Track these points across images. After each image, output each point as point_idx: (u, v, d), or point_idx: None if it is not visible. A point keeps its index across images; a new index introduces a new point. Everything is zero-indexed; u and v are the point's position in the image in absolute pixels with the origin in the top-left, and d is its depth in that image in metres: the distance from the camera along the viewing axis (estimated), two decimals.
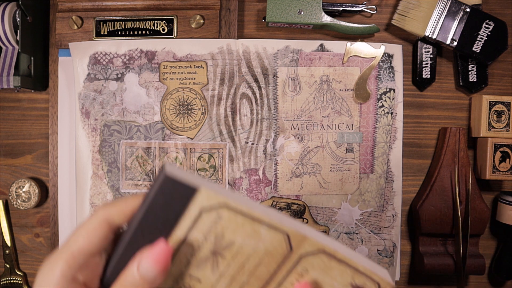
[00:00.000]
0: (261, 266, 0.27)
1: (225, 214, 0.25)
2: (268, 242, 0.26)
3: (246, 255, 0.26)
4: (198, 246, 0.26)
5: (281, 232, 0.26)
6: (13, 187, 0.51)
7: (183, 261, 0.26)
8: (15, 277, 0.52)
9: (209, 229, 0.26)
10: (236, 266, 0.27)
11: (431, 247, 0.49)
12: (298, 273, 0.27)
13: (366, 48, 0.48)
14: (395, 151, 0.49)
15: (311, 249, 0.27)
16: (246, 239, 0.26)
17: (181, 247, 0.26)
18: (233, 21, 0.50)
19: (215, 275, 0.27)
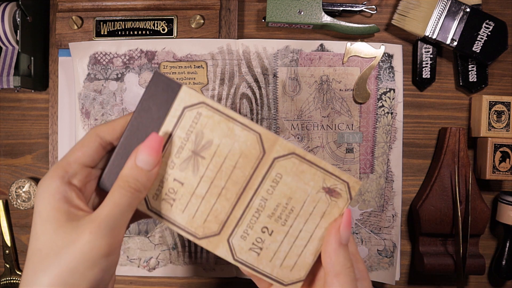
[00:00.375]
0: (237, 169, 0.29)
1: (204, 111, 0.28)
2: (242, 142, 0.28)
3: (223, 155, 0.29)
4: (181, 145, 0.29)
5: (254, 133, 0.28)
6: (13, 187, 0.51)
7: (168, 162, 0.29)
8: (15, 277, 0.52)
9: (191, 127, 0.28)
10: (214, 168, 0.29)
11: (431, 247, 0.49)
12: (273, 179, 0.29)
13: (366, 48, 0.48)
14: (395, 151, 0.49)
15: (282, 151, 0.28)
16: (223, 138, 0.29)
17: (167, 146, 0.29)
18: (233, 21, 0.50)
19: (196, 178, 0.29)
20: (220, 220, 0.29)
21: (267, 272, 0.29)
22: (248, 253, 0.29)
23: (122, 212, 0.26)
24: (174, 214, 0.29)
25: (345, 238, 0.28)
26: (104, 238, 0.25)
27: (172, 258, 0.50)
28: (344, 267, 0.27)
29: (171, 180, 0.29)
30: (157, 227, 0.49)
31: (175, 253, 0.50)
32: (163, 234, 0.49)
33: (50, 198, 0.26)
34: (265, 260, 0.29)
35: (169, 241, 0.49)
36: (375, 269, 0.49)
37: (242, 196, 0.29)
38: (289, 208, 0.29)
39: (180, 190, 0.29)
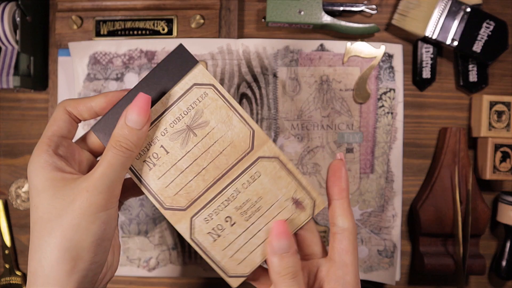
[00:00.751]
0: (223, 155, 0.30)
1: (210, 93, 0.30)
2: (236, 133, 0.30)
3: (215, 139, 0.30)
4: (178, 117, 0.30)
5: (249, 128, 0.30)
6: (12, 187, 0.51)
7: (161, 128, 0.30)
8: (14, 277, 0.52)
9: (194, 103, 0.30)
10: (202, 148, 0.30)
11: (431, 247, 0.49)
12: (251, 175, 0.30)
13: (366, 48, 0.48)
14: (395, 151, 0.49)
15: (268, 153, 0.30)
16: (219, 123, 0.30)
17: (166, 113, 0.30)
18: (233, 21, 0.50)
19: (182, 152, 0.30)
20: (190, 198, 0.30)
21: (216, 259, 0.31)
22: (205, 236, 0.30)
23: (116, 171, 0.27)
24: (150, 178, 0.30)
25: (278, 249, 0.29)
26: (100, 194, 0.27)
27: (172, 258, 0.50)
28: (279, 276, 0.28)
29: (158, 145, 0.30)
30: (157, 227, 0.49)
31: (175, 253, 0.49)
32: (163, 234, 0.49)
33: (42, 170, 0.27)
34: (218, 247, 0.30)
35: (169, 241, 0.49)
36: (375, 269, 0.49)
37: (218, 182, 0.30)
38: (257, 206, 0.30)
39: (163, 157, 0.30)
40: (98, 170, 0.27)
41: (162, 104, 0.30)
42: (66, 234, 0.26)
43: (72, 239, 0.26)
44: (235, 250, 0.31)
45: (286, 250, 0.29)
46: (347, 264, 0.29)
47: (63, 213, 0.26)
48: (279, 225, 0.30)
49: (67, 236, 0.26)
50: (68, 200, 0.26)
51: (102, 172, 0.27)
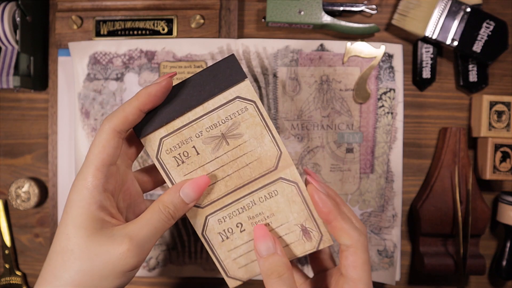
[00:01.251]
0: (248, 167, 0.32)
1: (251, 109, 0.31)
2: (264, 150, 0.31)
3: (244, 151, 0.31)
4: (216, 123, 0.31)
5: (277, 149, 0.31)
6: (12, 187, 0.51)
7: (197, 130, 0.31)
8: (14, 277, 0.52)
9: (233, 114, 0.31)
10: (231, 156, 0.31)
11: (432, 247, 0.49)
12: (269, 192, 0.32)
13: (366, 48, 0.48)
14: (395, 151, 0.49)
15: (289, 177, 0.32)
16: (252, 138, 0.31)
17: (204, 117, 0.31)
18: (233, 21, 0.50)
19: (212, 156, 0.32)
20: (210, 198, 0.32)
21: (221, 258, 0.33)
22: (215, 235, 0.32)
23: (156, 234, 0.29)
24: (176, 173, 0.32)
25: (261, 250, 0.30)
26: (136, 257, 0.28)
27: (172, 258, 0.49)
28: (266, 277, 0.29)
29: (190, 145, 0.31)
30: None
31: (175, 253, 0.49)
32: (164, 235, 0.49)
33: (86, 207, 0.28)
34: (225, 248, 0.32)
35: (169, 241, 0.49)
36: (376, 269, 0.49)
37: (238, 190, 0.32)
38: (268, 221, 0.32)
39: (193, 157, 0.31)
40: (142, 231, 0.28)
41: (203, 108, 0.31)
42: (92, 279, 0.27)
43: (96, 286, 0.27)
44: (239, 255, 0.32)
45: (270, 250, 0.30)
46: (355, 279, 0.29)
47: (96, 260, 0.27)
48: (259, 228, 0.31)
49: (92, 281, 0.27)
50: (104, 248, 0.27)
51: (144, 234, 0.28)
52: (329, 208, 0.30)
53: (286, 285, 0.29)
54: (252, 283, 0.51)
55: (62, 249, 0.27)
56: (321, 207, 0.30)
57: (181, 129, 0.31)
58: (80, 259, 0.27)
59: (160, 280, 0.51)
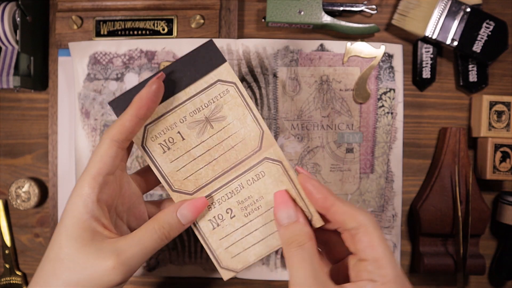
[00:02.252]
0: (234, 150, 0.32)
1: (232, 91, 0.31)
2: (248, 131, 0.32)
3: (229, 133, 0.32)
4: (199, 108, 0.31)
5: (259, 128, 0.32)
6: (12, 187, 0.51)
7: (181, 115, 0.31)
8: (14, 277, 0.52)
9: (215, 97, 0.32)
10: (217, 140, 0.32)
11: (431, 247, 0.49)
12: (256, 174, 0.32)
13: (366, 48, 0.48)
14: (395, 151, 0.49)
15: (274, 156, 0.31)
16: (235, 120, 0.32)
17: (187, 102, 0.31)
18: (233, 21, 0.50)
19: (197, 140, 0.32)
20: (198, 184, 0.32)
21: (213, 247, 0.32)
22: (206, 222, 0.32)
23: (146, 253, 0.29)
24: (163, 160, 0.32)
25: (282, 218, 0.29)
26: (122, 274, 0.28)
27: (172, 258, 0.50)
28: (286, 246, 0.28)
29: (175, 131, 0.32)
30: None
31: (175, 253, 0.49)
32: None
33: (78, 216, 0.28)
34: (216, 236, 0.32)
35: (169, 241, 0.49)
36: None
37: (226, 174, 0.32)
38: (257, 205, 0.32)
39: (178, 143, 0.32)
40: (131, 250, 0.28)
41: (185, 93, 0.31)
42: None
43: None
44: (231, 243, 0.32)
45: (292, 219, 0.29)
46: (377, 259, 0.26)
47: (83, 273, 0.27)
48: (281, 195, 0.30)
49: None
50: (92, 262, 0.27)
51: (133, 254, 0.28)
52: (325, 194, 0.29)
53: (307, 255, 0.27)
54: (252, 283, 0.51)
55: (54, 257, 0.28)
56: (315, 194, 0.29)
57: (165, 115, 0.32)
58: (69, 270, 0.27)
59: (160, 280, 0.51)
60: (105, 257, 0.27)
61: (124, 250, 0.28)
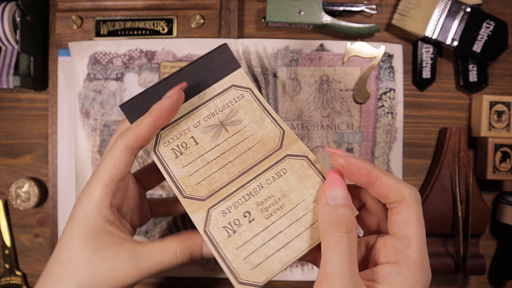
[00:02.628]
0: (251, 151, 0.30)
1: (247, 96, 0.31)
2: (266, 132, 0.31)
3: (245, 136, 0.30)
4: (213, 112, 0.31)
5: (279, 128, 0.31)
6: (12, 187, 0.51)
7: (194, 120, 0.31)
8: (14, 277, 0.52)
9: (230, 102, 0.31)
10: (232, 143, 0.30)
11: (431, 247, 0.49)
12: (277, 172, 0.29)
13: (366, 48, 0.48)
14: (395, 151, 0.49)
15: (297, 151, 0.30)
16: (252, 123, 0.31)
17: (201, 107, 0.31)
18: (233, 21, 0.50)
19: (211, 145, 0.30)
20: (211, 188, 0.29)
21: (228, 259, 0.27)
22: (220, 230, 0.28)
23: (162, 269, 0.29)
24: (175, 165, 0.30)
25: (331, 198, 0.26)
26: (137, 278, 0.28)
27: None
28: (329, 225, 0.25)
29: (188, 136, 0.31)
30: (157, 227, 0.49)
31: None
32: (163, 234, 0.49)
33: (93, 221, 0.28)
34: (232, 245, 0.27)
35: None
36: None
37: (242, 176, 0.29)
38: (280, 204, 0.28)
39: (192, 148, 0.30)
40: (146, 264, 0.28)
41: (199, 98, 0.31)
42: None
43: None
44: (250, 252, 0.27)
45: (341, 202, 0.26)
46: (409, 237, 0.25)
47: (98, 276, 0.28)
48: (335, 173, 0.27)
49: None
50: (108, 267, 0.28)
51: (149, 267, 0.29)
52: (368, 169, 0.26)
53: (352, 246, 0.24)
54: None
55: (67, 260, 0.28)
56: (356, 171, 0.26)
57: (178, 120, 0.31)
58: (83, 272, 0.27)
59: (160, 280, 0.51)
60: (122, 263, 0.28)
61: (142, 260, 0.28)
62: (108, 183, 0.28)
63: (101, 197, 0.28)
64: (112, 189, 0.29)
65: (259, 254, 0.27)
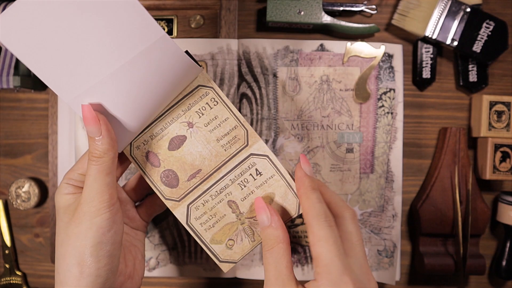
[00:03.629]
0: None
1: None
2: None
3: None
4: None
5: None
6: (12, 187, 0.51)
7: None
8: (14, 277, 0.52)
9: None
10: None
11: (431, 247, 0.49)
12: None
13: (366, 48, 0.48)
14: (395, 151, 0.49)
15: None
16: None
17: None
18: (233, 21, 0.50)
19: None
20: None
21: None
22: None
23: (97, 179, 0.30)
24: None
25: (260, 222, 0.31)
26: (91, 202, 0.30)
27: (172, 258, 0.50)
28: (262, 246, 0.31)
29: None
30: (157, 227, 0.49)
31: (175, 253, 0.49)
32: (163, 234, 0.49)
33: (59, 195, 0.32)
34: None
35: (169, 241, 0.49)
36: (375, 269, 0.49)
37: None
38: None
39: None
40: (85, 184, 0.30)
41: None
42: (71, 243, 0.29)
43: (75, 246, 0.29)
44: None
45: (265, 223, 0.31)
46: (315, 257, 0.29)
47: (68, 225, 0.30)
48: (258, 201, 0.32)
49: (72, 244, 0.29)
50: (71, 213, 0.30)
51: (87, 184, 0.30)
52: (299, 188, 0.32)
53: (273, 258, 0.29)
54: (252, 283, 0.51)
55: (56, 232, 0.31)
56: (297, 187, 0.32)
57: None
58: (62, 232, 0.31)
59: (160, 280, 0.51)
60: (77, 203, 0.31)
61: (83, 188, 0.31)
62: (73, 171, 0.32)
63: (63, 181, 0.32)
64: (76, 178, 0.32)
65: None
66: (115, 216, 0.30)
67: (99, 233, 0.29)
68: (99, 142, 0.29)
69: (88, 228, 0.29)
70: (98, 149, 0.29)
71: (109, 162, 0.30)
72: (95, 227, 0.29)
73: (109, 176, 0.30)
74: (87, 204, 0.29)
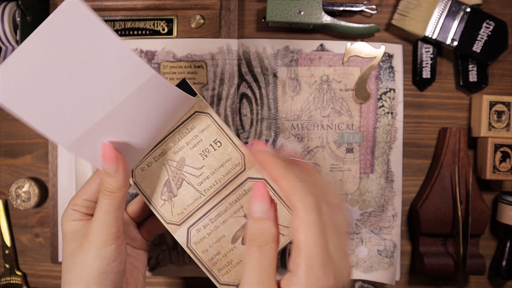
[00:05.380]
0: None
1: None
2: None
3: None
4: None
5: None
6: (13, 187, 0.51)
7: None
8: (14, 277, 0.52)
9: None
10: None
11: (431, 247, 0.49)
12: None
13: (366, 48, 0.48)
14: (395, 151, 0.49)
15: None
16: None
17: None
18: (233, 21, 0.50)
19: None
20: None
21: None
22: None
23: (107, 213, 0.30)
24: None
25: (253, 211, 0.27)
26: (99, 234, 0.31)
27: (172, 258, 0.50)
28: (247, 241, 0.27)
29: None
30: None
31: (175, 253, 0.49)
32: (163, 234, 0.49)
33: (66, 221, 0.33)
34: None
35: (169, 241, 0.49)
36: (375, 269, 0.49)
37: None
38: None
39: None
40: (95, 216, 0.30)
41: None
42: (77, 271, 0.30)
43: (81, 274, 0.30)
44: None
45: (264, 214, 0.27)
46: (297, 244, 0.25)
47: (76, 253, 0.31)
48: (259, 186, 0.28)
49: (78, 272, 0.30)
50: (78, 240, 0.31)
51: (97, 217, 0.30)
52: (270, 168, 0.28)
53: (264, 258, 0.26)
54: None
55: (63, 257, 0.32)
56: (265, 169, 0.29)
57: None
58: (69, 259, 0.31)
59: (160, 280, 0.51)
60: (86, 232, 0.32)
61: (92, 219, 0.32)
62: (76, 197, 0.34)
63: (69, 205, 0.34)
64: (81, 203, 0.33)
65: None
66: (120, 246, 0.31)
67: (104, 264, 0.30)
68: (114, 178, 0.30)
69: (94, 259, 0.30)
70: (113, 184, 0.30)
71: (121, 197, 0.30)
72: (101, 257, 0.30)
73: (120, 210, 0.31)
74: (95, 235, 0.30)
